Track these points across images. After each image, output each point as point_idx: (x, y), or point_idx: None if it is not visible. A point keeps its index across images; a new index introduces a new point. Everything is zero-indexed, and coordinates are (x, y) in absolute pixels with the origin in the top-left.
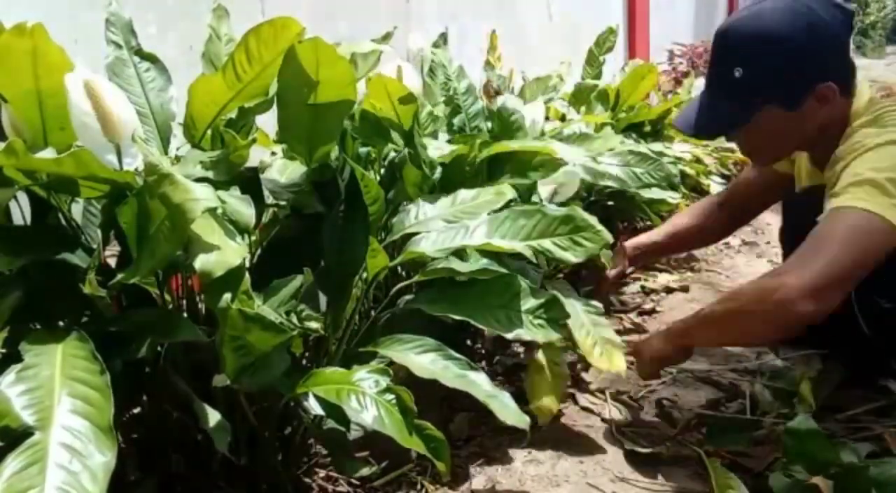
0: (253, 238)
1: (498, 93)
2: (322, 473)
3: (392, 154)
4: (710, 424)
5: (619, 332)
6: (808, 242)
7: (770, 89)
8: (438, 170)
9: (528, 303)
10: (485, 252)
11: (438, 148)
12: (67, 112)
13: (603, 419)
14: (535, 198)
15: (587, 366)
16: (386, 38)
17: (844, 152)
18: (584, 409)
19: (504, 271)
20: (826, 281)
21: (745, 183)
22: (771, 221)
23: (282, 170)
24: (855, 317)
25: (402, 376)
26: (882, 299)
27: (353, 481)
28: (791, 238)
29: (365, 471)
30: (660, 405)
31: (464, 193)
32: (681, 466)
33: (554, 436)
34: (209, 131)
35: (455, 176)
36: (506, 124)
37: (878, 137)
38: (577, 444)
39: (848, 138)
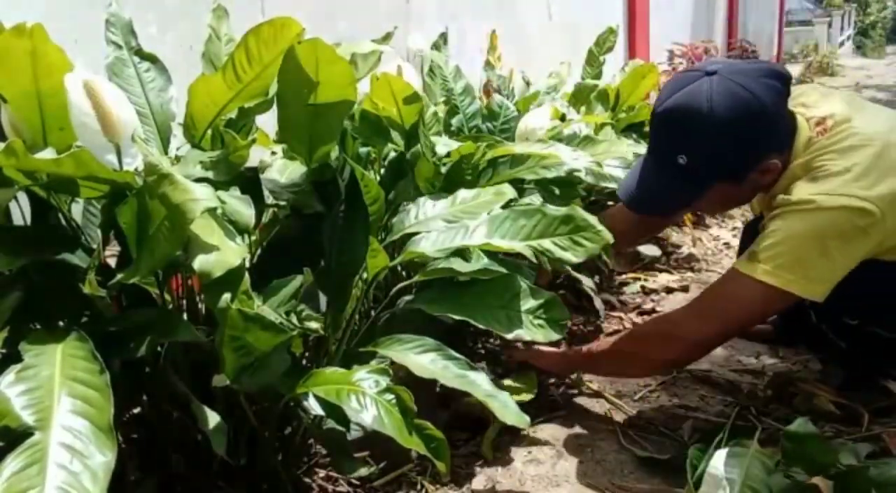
0: (253, 238)
1: (498, 92)
2: (322, 473)
3: (392, 154)
4: (711, 425)
5: (619, 332)
6: (713, 299)
7: (714, 174)
8: (444, 169)
9: (528, 303)
10: (486, 252)
11: (447, 145)
12: (67, 112)
13: (604, 419)
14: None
15: None
16: (386, 38)
17: (780, 201)
18: (584, 409)
19: (504, 271)
20: (713, 345)
21: None
22: None
23: (282, 170)
24: (825, 334)
25: (401, 376)
26: (846, 318)
27: (353, 481)
28: None
29: (364, 471)
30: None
31: (464, 193)
32: (681, 466)
33: (554, 436)
34: (209, 131)
35: (459, 175)
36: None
37: (806, 196)
38: (577, 444)
39: (787, 180)
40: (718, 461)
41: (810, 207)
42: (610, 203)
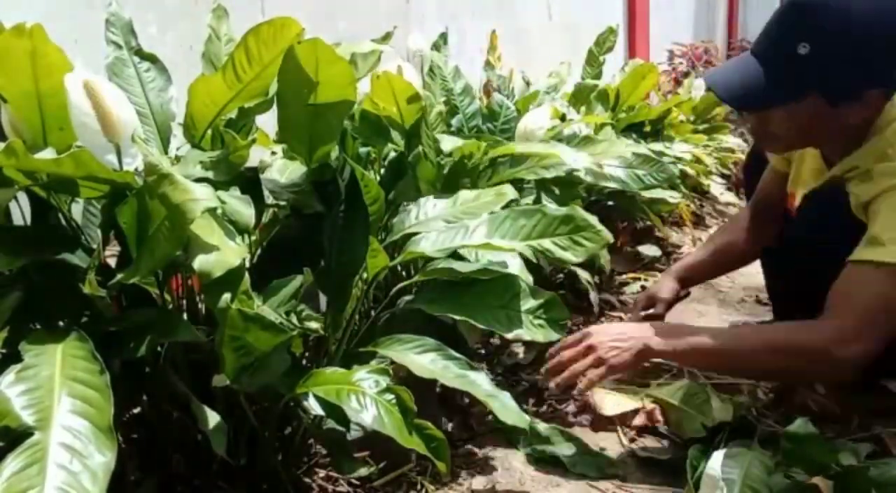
0: (253, 238)
1: (498, 92)
2: (322, 473)
3: (392, 154)
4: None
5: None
6: (857, 301)
7: (827, 77)
8: (445, 170)
9: (528, 303)
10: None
11: (452, 142)
12: (67, 112)
13: (604, 419)
14: None
15: None
16: (386, 38)
17: (885, 171)
18: (584, 409)
19: (504, 271)
20: (872, 351)
21: (764, 192)
22: None
23: (282, 170)
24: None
25: (402, 376)
26: None
27: (353, 481)
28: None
29: (364, 471)
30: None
31: (464, 194)
32: (682, 466)
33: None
34: (209, 131)
35: (460, 175)
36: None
37: None
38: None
39: (868, 151)
40: (716, 461)
41: None
42: (610, 203)
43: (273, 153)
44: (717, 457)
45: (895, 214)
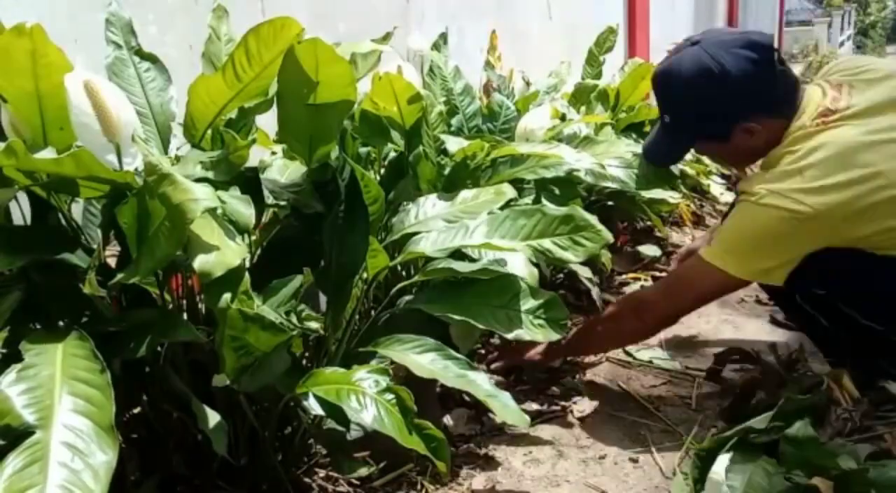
0: (253, 238)
1: (498, 92)
2: (322, 473)
3: (392, 154)
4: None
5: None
6: (677, 281)
7: (694, 130)
8: (446, 171)
9: (528, 303)
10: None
11: (457, 143)
12: (67, 112)
13: (604, 419)
14: None
15: (584, 368)
16: (386, 38)
17: (741, 187)
18: (585, 409)
19: (504, 270)
20: (678, 318)
21: None
22: None
23: (282, 170)
24: (812, 315)
25: (402, 376)
26: (815, 288)
27: (353, 481)
28: None
29: (363, 471)
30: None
31: (464, 193)
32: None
33: (554, 436)
34: (209, 131)
35: (461, 176)
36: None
37: (755, 188)
38: (578, 444)
39: (772, 158)
40: (720, 466)
41: (753, 200)
42: (610, 203)
43: (273, 153)
44: (722, 462)
45: (734, 221)
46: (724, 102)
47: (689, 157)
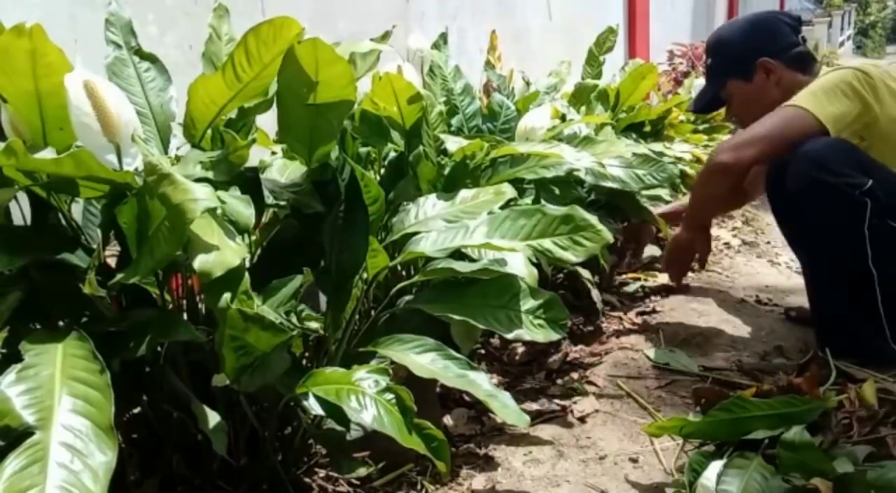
0: (253, 238)
1: (498, 92)
2: (322, 473)
3: (392, 154)
4: None
5: (618, 332)
6: (764, 126)
7: (726, 70)
8: (446, 171)
9: (528, 303)
10: None
11: (456, 143)
12: (66, 112)
13: (604, 419)
14: None
15: (584, 368)
16: (385, 37)
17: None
18: (585, 409)
19: (504, 271)
20: (745, 144)
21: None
22: (771, 221)
23: (282, 170)
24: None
25: (402, 376)
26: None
27: (353, 481)
28: None
29: (362, 471)
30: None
31: (464, 193)
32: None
33: (554, 436)
34: (209, 131)
35: (461, 176)
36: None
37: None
38: (578, 444)
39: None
40: (712, 472)
41: (822, 73)
42: (610, 203)
43: (273, 153)
44: (714, 468)
45: (811, 85)
46: (750, 38)
47: (688, 155)
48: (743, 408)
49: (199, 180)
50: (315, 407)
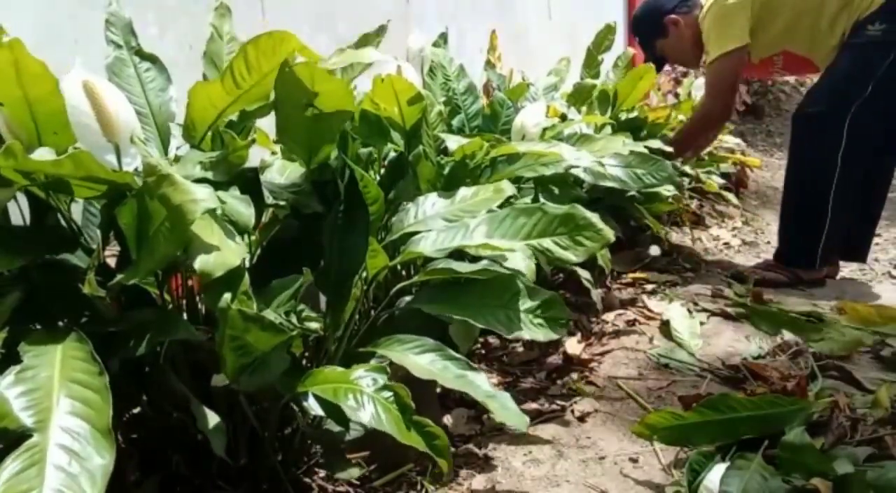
0: (253, 238)
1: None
2: (322, 473)
3: (392, 154)
4: None
5: (618, 332)
6: (711, 86)
7: (650, 36)
8: (446, 170)
9: (528, 303)
10: None
11: (456, 141)
12: (59, 117)
13: (605, 419)
14: None
15: (586, 367)
16: (381, 30)
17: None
18: (585, 409)
19: (504, 270)
20: (721, 100)
21: None
22: (771, 221)
23: (281, 170)
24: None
25: (401, 376)
26: None
27: (354, 481)
28: None
29: (354, 472)
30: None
31: (463, 191)
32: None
33: (554, 436)
34: (209, 133)
35: (460, 175)
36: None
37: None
38: (578, 444)
39: None
40: (716, 474)
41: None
42: (610, 203)
43: (273, 153)
44: (718, 470)
45: (708, 27)
46: (652, 8)
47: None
48: (730, 408)
49: (198, 181)
50: (314, 407)
